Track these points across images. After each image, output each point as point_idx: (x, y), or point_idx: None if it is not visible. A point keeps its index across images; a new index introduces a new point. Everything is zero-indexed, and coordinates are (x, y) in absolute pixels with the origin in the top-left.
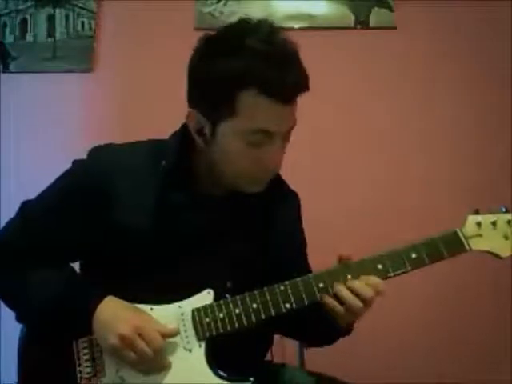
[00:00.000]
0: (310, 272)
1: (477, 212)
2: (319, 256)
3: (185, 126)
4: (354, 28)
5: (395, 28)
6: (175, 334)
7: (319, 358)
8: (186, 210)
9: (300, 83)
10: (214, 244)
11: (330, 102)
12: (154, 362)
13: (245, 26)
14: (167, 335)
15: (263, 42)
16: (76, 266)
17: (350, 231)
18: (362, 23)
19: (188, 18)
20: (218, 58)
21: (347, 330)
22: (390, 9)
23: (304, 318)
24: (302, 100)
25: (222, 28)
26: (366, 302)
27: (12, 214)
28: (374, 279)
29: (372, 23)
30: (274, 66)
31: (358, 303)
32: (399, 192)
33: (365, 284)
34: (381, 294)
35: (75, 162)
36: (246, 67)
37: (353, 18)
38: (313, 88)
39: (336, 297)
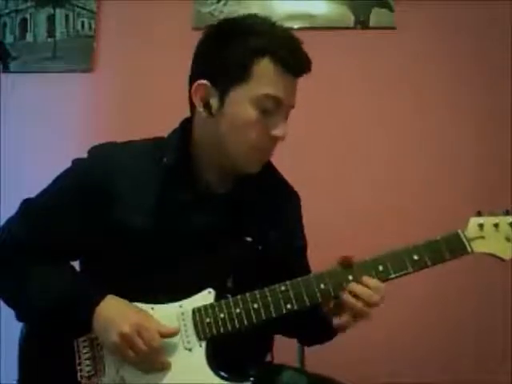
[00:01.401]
0: (310, 272)
1: (479, 214)
2: (319, 256)
3: (184, 123)
4: (354, 28)
5: (395, 28)
6: (175, 333)
7: (319, 359)
8: (186, 209)
9: (307, 62)
10: (215, 243)
11: (329, 101)
12: (154, 361)
13: (253, 17)
14: (167, 335)
15: (274, 27)
16: (75, 264)
17: (350, 232)
18: (362, 23)
19: (188, 18)
20: (236, 35)
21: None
22: (390, 9)
23: (303, 316)
24: (302, 100)
25: (232, 17)
26: (370, 305)
27: (12, 214)
28: (375, 282)
29: (372, 23)
30: (287, 44)
31: (359, 305)
32: (399, 193)
33: (365, 287)
34: (382, 298)
35: (75, 161)
36: (264, 42)
37: (353, 18)
38: (312, 88)
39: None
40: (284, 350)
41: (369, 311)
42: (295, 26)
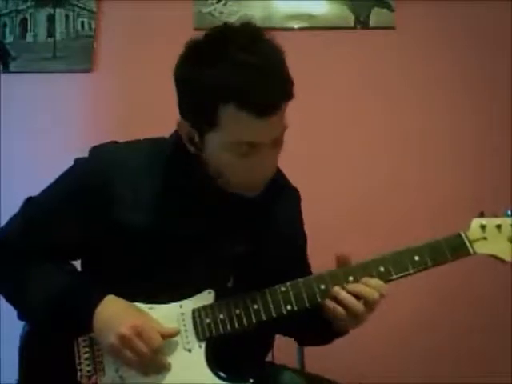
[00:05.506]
0: (310, 271)
1: (481, 215)
2: (317, 257)
3: None
4: (354, 28)
5: (395, 28)
6: (175, 334)
7: (319, 360)
8: (186, 210)
9: (281, 94)
10: (215, 244)
11: (329, 101)
12: (154, 361)
13: (227, 33)
14: (167, 335)
15: (244, 51)
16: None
17: (349, 233)
18: (362, 23)
19: (188, 18)
20: (202, 67)
21: (344, 331)
22: (390, 9)
23: (302, 317)
24: (302, 101)
25: (206, 34)
26: (369, 305)
27: (13, 214)
28: (376, 281)
29: (372, 23)
30: (253, 79)
31: (359, 306)
32: (398, 193)
33: (366, 286)
34: (383, 296)
35: (78, 161)
36: (226, 80)
37: (353, 18)
38: (312, 88)
39: (336, 300)
40: (284, 350)
41: (368, 311)
42: (295, 26)
